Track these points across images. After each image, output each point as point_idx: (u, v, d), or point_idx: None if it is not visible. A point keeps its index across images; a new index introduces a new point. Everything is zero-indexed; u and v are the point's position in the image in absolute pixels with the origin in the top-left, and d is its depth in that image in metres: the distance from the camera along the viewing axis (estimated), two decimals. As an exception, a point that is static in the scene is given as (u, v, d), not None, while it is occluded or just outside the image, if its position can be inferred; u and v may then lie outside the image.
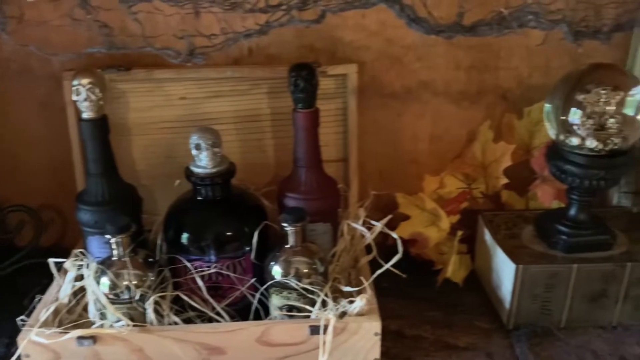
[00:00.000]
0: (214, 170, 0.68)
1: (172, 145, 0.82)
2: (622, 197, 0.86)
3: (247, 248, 0.70)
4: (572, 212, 0.76)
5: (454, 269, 0.82)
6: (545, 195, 0.82)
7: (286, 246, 0.67)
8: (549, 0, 0.48)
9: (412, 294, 0.81)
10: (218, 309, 0.69)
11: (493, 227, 0.80)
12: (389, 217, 0.74)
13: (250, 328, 0.64)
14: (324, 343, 0.61)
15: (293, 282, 0.65)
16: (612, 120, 0.69)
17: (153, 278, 0.67)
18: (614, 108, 0.69)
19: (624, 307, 0.74)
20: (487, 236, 0.80)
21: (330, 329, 0.62)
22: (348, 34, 0.81)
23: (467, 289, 0.83)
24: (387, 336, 0.72)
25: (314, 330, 0.63)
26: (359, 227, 0.74)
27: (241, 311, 0.70)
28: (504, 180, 0.82)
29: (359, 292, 0.67)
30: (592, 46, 0.77)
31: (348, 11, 0.47)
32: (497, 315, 0.77)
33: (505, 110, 0.86)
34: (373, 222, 0.74)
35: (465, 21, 0.49)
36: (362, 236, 0.74)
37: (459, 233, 0.81)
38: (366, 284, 0.67)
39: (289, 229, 0.66)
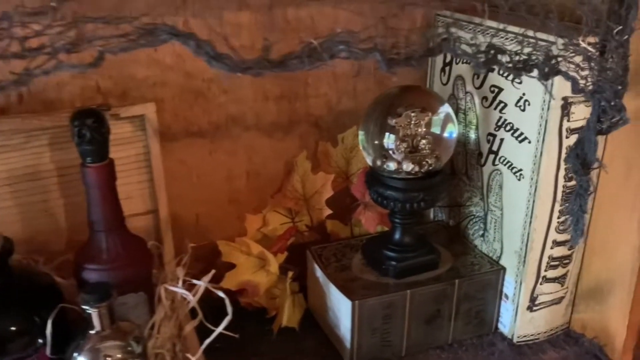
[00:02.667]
0: (-19, 252, 0.54)
1: None
2: (438, 211, 0.88)
3: (41, 341, 0.56)
4: (397, 236, 0.75)
5: (289, 314, 0.76)
6: (369, 221, 0.80)
7: (91, 332, 0.55)
8: (359, 29, 0.44)
9: (248, 350, 0.73)
10: None
11: (323, 261, 0.76)
12: (212, 272, 0.66)
13: None
14: None
15: (104, 376, 0.54)
16: (423, 141, 0.69)
17: None
18: (424, 129, 0.69)
19: (456, 323, 0.75)
20: (319, 272, 0.75)
21: None
22: (140, 70, 0.72)
23: (304, 332, 0.77)
24: (227, 405, 0.65)
25: None
26: (178, 289, 0.64)
27: (43, 421, 0.57)
28: (328, 211, 0.79)
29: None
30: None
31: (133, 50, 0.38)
32: (338, 355, 0.73)
33: (319, 139, 0.83)
34: (195, 280, 0.65)
35: (272, 55, 0.43)
36: (185, 299, 0.65)
37: (290, 274, 0.76)
38: (193, 359, 0.58)
39: (92, 311, 0.54)
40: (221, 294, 0.62)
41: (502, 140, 0.72)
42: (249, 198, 0.83)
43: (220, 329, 0.60)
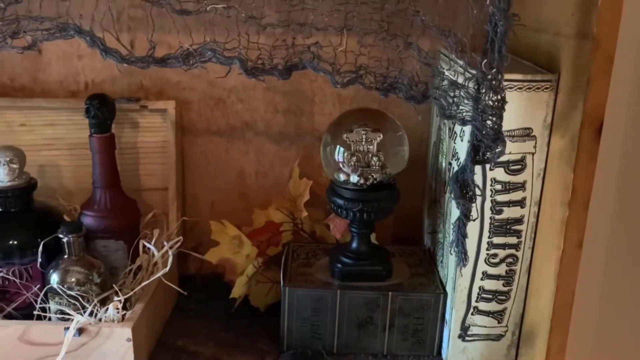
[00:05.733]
0: (9, 184, 0.76)
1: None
2: (427, 237, 0.92)
3: (40, 259, 0.77)
4: (354, 244, 0.81)
5: (257, 296, 0.87)
6: (336, 228, 0.88)
7: (65, 256, 0.74)
8: (224, 40, 0.56)
9: (212, 316, 0.86)
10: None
11: (293, 257, 0.86)
12: (179, 239, 0.81)
13: (11, 326, 0.71)
14: (67, 341, 0.67)
15: (60, 289, 0.72)
16: (375, 158, 0.76)
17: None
18: (375, 147, 0.76)
19: (390, 336, 0.78)
20: (282, 264, 0.85)
21: (71, 330, 0.68)
22: (173, 76, 0.91)
23: (270, 315, 0.87)
24: (169, 351, 0.79)
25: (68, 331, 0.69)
26: (149, 245, 0.80)
27: (28, 316, 0.76)
28: (305, 213, 0.89)
29: (134, 302, 0.74)
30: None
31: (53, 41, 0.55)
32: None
33: (322, 152, 0.94)
34: (165, 242, 0.81)
35: (156, 54, 0.57)
36: (162, 256, 0.80)
37: (259, 260, 0.87)
38: (131, 293, 0.73)
39: (65, 239, 0.73)
40: (170, 252, 0.77)
41: (453, 169, 0.75)
42: (257, 194, 0.97)
43: (160, 274, 0.75)
